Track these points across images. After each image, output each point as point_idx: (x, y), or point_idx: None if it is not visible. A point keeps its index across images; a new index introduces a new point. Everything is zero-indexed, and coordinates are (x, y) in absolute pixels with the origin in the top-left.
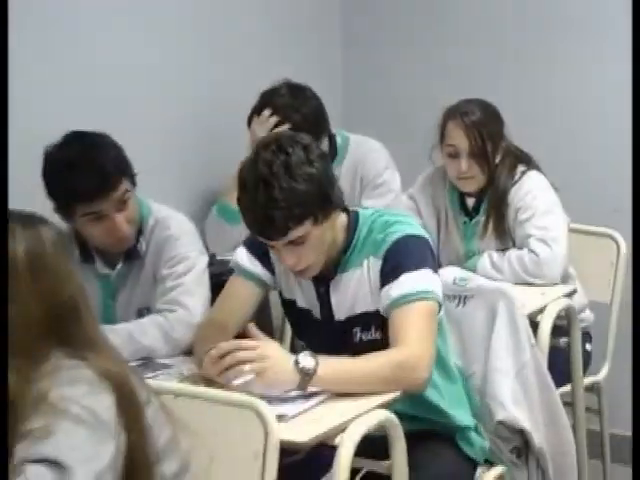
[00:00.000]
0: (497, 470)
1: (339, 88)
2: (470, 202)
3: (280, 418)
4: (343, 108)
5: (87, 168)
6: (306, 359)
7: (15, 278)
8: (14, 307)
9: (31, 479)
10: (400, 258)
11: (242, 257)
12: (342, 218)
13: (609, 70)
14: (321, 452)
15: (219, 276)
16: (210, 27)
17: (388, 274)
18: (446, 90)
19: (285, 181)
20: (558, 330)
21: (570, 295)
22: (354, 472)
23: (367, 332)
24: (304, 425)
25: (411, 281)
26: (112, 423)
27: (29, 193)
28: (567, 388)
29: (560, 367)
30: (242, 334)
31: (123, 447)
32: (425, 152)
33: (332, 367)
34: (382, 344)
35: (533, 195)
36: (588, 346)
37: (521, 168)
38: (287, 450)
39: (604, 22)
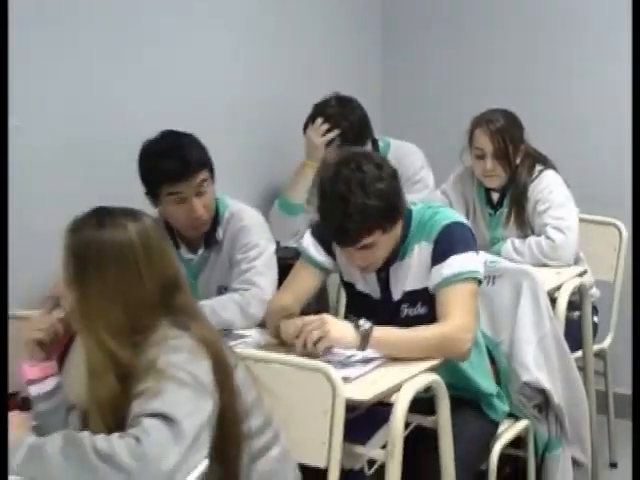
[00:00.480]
0: (522, 423)
1: (379, 99)
2: (495, 196)
3: (345, 380)
4: (383, 116)
5: (173, 156)
6: (364, 323)
7: (134, 261)
8: (130, 287)
9: (147, 428)
10: (449, 242)
11: (308, 245)
12: None
13: (612, 86)
14: (377, 409)
15: (284, 260)
16: (276, 45)
17: (438, 256)
18: (474, 100)
19: (360, 197)
20: (571, 304)
21: (581, 275)
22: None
23: (413, 308)
24: (365, 386)
25: (459, 262)
26: (209, 384)
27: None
28: (579, 354)
29: (573, 336)
30: (304, 312)
31: (218, 405)
32: (456, 154)
33: (386, 332)
34: (426, 319)
35: (549, 190)
36: (595, 318)
37: (539, 167)
38: (349, 407)
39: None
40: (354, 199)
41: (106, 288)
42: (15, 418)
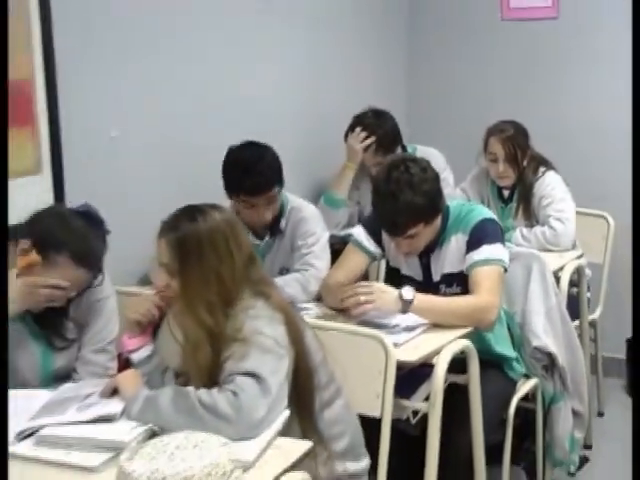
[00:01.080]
0: (532, 381)
1: (405, 113)
2: (505, 193)
3: (395, 345)
4: (409, 127)
5: (251, 173)
6: (407, 291)
7: (225, 242)
8: (224, 265)
9: (240, 385)
10: (482, 234)
11: (360, 235)
12: None
13: (606, 100)
14: (418, 369)
15: (330, 245)
16: (324, 73)
17: (472, 244)
18: (489, 111)
19: (408, 195)
20: (569, 282)
21: (579, 258)
22: None
23: (450, 288)
24: (410, 350)
25: (489, 251)
26: (286, 346)
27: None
28: (576, 323)
29: (572, 309)
30: None
31: (292, 363)
32: (471, 158)
33: (425, 300)
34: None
35: (552, 187)
36: (588, 294)
37: (542, 169)
38: (397, 367)
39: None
40: (403, 197)
41: (205, 272)
42: (129, 374)
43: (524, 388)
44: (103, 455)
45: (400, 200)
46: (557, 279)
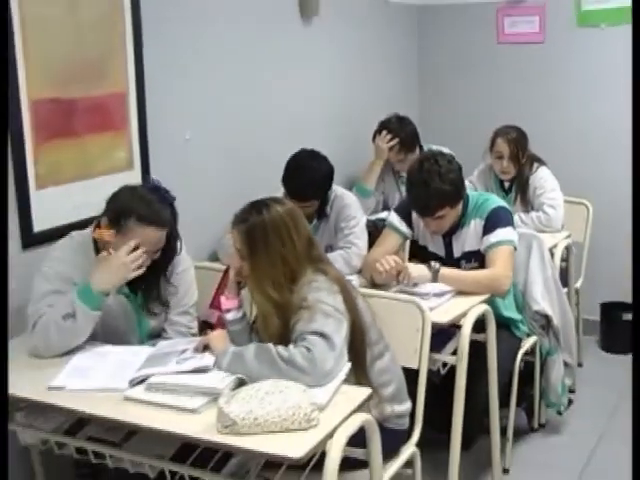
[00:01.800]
0: (533, 339)
1: (416, 117)
2: (506, 185)
3: (429, 309)
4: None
5: (295, 180)
6: (435, 263)
7: (287, 230)
8: (287, 249)
9: (311, 341)
10: (496, 219)
11: (394, 219)
12: None
13: (587, 109)
14: (446, 329)
15: None
16: (354, 82)
17: (488, 228)
18: (487, 117)
19: (437, 183)
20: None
21: (568, 237)
22: None
23: (469, 263)
24: (442, 313)
25: (502, 233)
26: (343, 311)
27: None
28: (564, 290)
29: (562, 279)
30: None
31: (350, 325)
32: (477, 156)
33: (450, 271)
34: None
35: (544, 180)
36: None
37: (536, 165)
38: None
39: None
40: (433, 184)
41: (271, 256)
42: (218, 333)
43: (526, 344)
44: (202, 399)
45: (431, 187)
46: (551, 255)
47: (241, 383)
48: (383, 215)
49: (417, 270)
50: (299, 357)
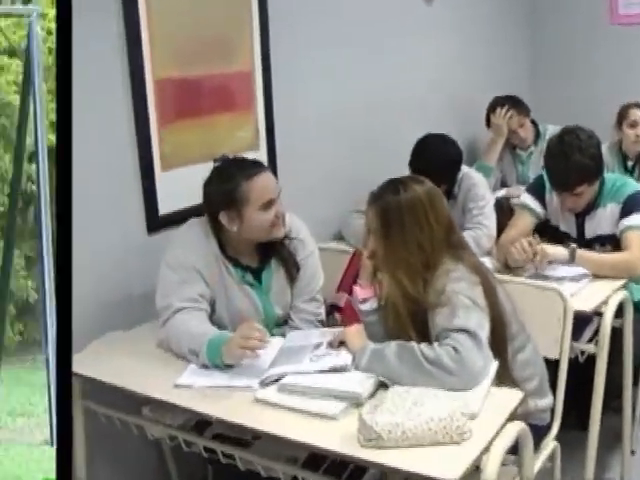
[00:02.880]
0: None
1: (530, 97)
2: (629, 164)
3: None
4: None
5: (419, 160)
6: (572, 245)
7: (424, 212)
8: (424, 234)
9: (458, 340)
10: (633, 202)
11: (527, 199)
12: None
13: None
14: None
15: None
16: (455, 63)
17: (626, 212)
18: (597, 96)
19: (578, 157)
20: None
21: None
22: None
23: (602, 246)
24: (582, 300)
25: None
26: (484, 304)
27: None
28: None
29: None
30: None
31: (490, 319)
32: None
33: (587, 252)
34: None
35: None
36: None
37: None
38: None
39: None
40: (574, 157)
41: (406, 239)
42: (355, 328)
43: None
44: (340, 404)
45: (571, 160)
46: None
47: (382, 386)
48: (501, 193)
49: (554, 250)
50: (446, 358)
